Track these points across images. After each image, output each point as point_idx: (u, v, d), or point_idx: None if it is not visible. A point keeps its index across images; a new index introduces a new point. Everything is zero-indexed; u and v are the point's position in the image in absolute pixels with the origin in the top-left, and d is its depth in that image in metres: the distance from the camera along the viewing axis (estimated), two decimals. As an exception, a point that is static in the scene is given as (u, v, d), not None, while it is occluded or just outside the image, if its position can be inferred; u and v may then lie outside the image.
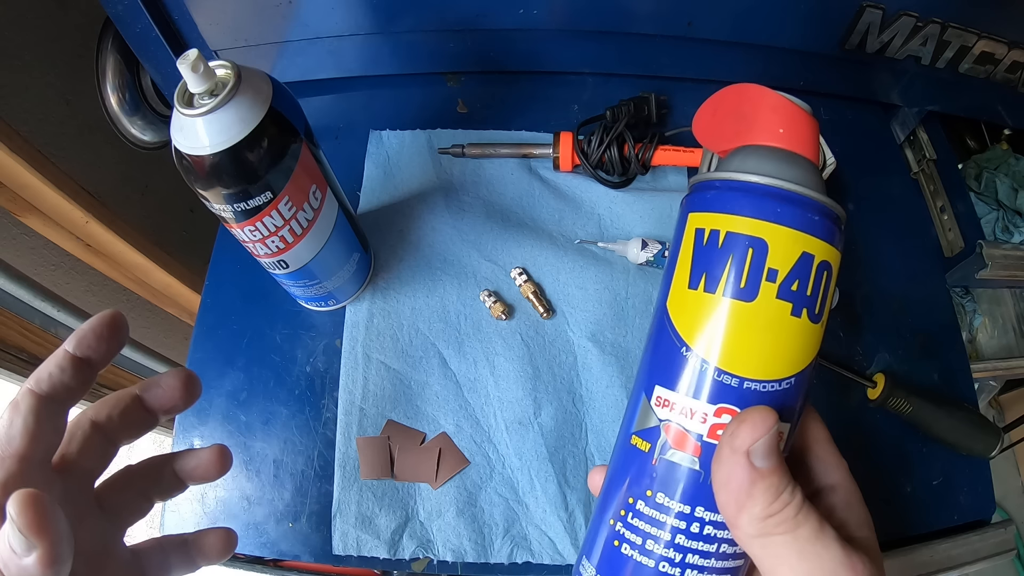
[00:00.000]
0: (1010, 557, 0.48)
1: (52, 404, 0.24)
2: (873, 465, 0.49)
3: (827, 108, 0.61)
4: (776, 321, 0.21)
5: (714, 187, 0.23)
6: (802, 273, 0.21)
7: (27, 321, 0.63)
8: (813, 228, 0.22)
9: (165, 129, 0.67)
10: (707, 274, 0.22)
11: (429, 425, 0.46)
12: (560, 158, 0.53)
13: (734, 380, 0.21)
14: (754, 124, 0.24)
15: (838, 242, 0.22)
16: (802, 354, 0.22)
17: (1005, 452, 0.55)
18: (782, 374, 0.21)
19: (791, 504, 0.19)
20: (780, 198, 0.22)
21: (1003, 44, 0.50)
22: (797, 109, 0.23)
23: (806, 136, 0.23)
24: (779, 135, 0.23)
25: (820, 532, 0.19)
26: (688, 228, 0.23)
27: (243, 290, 0.50)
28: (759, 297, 0.21)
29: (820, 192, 0.22)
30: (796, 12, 0.50)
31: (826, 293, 0.22)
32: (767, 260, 0.21)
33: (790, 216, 0.21)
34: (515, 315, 0.49)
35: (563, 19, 0.52)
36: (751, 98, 0.24)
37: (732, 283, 0.21)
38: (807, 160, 0.23)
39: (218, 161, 0.31)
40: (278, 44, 0.53)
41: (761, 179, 0.22)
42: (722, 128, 0.26)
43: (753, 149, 0.24)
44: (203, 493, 0.44)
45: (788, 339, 0.21)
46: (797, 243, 0.21)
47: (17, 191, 0.56)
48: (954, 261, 0.57)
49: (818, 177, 0.23)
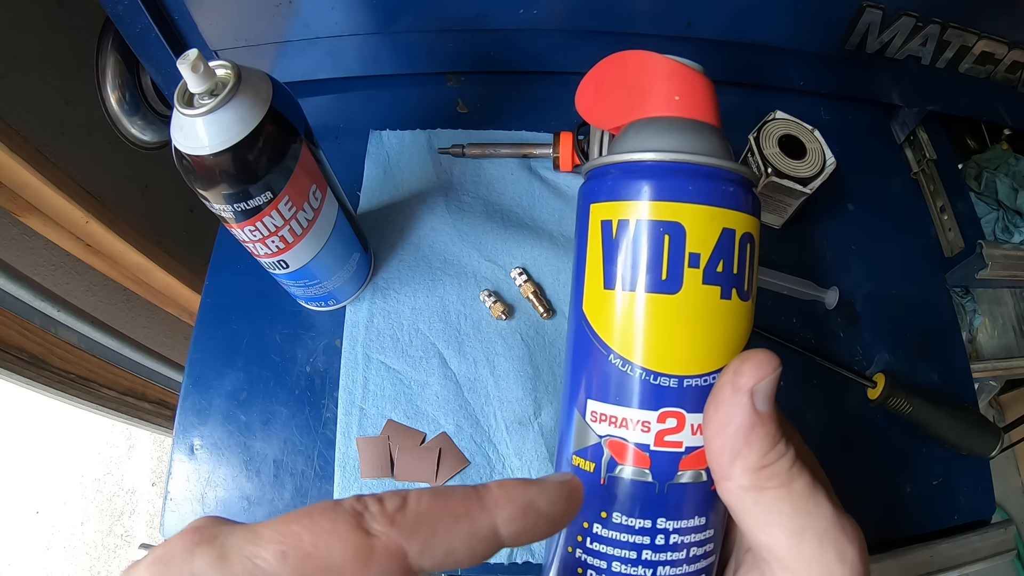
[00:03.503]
0: (1010, 557, 0.48)
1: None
2: (873, 465, 0.49)
3: (827, 108, 0.61)
4: (707, 309, 0.19)
5: (613, 172, 0.21)
6: (726, 251, 0.19)
7: (27, 321, 0.63)
8: (729, 200, 0.20)
9: (165, 129, 0.67)
10: (622, 270, 0.20)
11: (429, 425, 0.46)
12: (560, 158, 0.53)
13: (672, 380, 0.19)
14: (646, 95, 0.22)
15: (755, 209, 0.21)
16: (739, 336, 0.20)
17: (1005, 452, 0.55)
18: (721, 362, 0.20)
19: (786, 455, 0.18)
20: (689, 173, 0.20)
21: (1003, 44, 0.50)
22: (689, 72, 0.21)
23: (704, 99, 0.21)
24: (675, 103, 0.21)
25: (813, 489, 0.18)
26: (592, 221, 0.21)
27: (243, 290, 0.50)
28: (684, 287, 0.19)
29: (728, 159, 0.20)
30: (796, 12, 0.50)
31: (752, 267, 0.20)
32: (687, 245, 0.19)
33: (703, 192, 0.19)
34: (515, 315, 0.49)
35: (563, 19, 0.52)
36: (638, 66, 0.22)
37: (652, 276, 0.19)
38: (709, 126, 0.21)
39: (218, 161, 0.31)
40: (278, 44, 0.53)
41: (665, 155, 0.20)
42: (610, 103, 0.23)
43: (648, 123, 0.21)
44: (203, 493, 0.44)
45: (723, 325, 0.20)
46: (716, 220, 0.19)
47: (17, 191, 0.56)
48: (954, 261, 0.57)
49: (723, 142, 0.21)
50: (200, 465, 0.45)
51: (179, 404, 0.46)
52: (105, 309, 0.76)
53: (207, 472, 0.44)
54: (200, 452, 0.45)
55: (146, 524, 1.34)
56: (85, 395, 0.77)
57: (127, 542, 1.32)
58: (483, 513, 0.16)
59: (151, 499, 1.36)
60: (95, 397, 0.80)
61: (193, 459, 0.45)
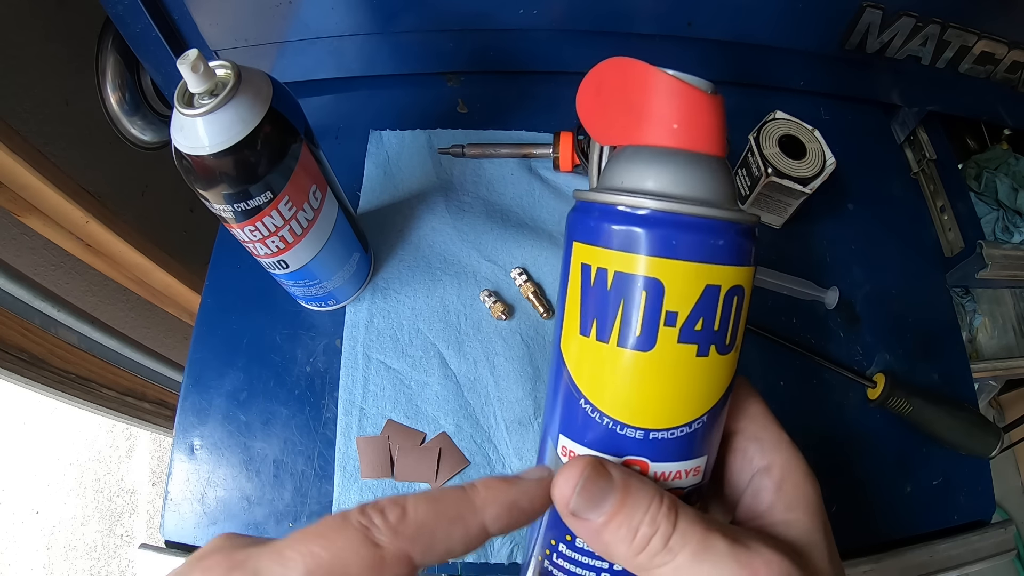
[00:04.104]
0: (1010, 557, 0.48)
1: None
2: (873, 465, 0.49)
3: (827, 108, 0.61)
4: (680, 368, 0.19)
5: (595, 212, 0.19)
6: (707, 309, 0.18)
7: (27, 321, 0.63)
8: (717, 255, 0.18)
9: (165, 129, 0.67)
10: (598, 320, 0.19)
11: (429, 425, 0.46)
12: (560, 158, 0.53)
13: (639, 432, 0.19)
14: (642, 117, 0.19)
15: (749, 256, 0.19)
16: (713, 389, 0.20)
17: (1005, 452, 0.55)
18: (692, 416, 0.19)
19: (657, 535, 0.18)
20: (675, 226, 0.18)
21: (1003, 44, 0.50)
22: (693, 92, 0.19)
23: (707, 126, 0.19)
24: (672, 132, 0.19)
25: (703, 549, 0.18)
26: (573, 261, 0.20)
27: (243, 290, 0.50)
28: (658, 345, 0.18)
29: (725, 201, 0.19)
30: (796, 12, 0.50)
31: (738, 319, 0.19)
32: (664, 303, 0.18)
33: (688, 248, 0.18)
34: (515, 315, 0.49)
35: (563, 19, 0.52)
36: (638, 80, 0.19)
37: (625, 332, 0.18)
38: (709, 159, 0.19)
39: (218, 161, 0.31)
40: (278, 44, 0.53)
41: (649, 203, 0.18)
42: (608, 115, 0.21)
43: (640, 155, 0.20)
44: (203, 493, 0.44)
45: (695, 382, 0.19)
46: (699, 278, 0.18)
47: (17, 191, 0.56)
48: (954, 261, 0.57)
49: (723, 179, 0.19)
50: (200, 465, 0.45)
51: (179, 404, 0.46)
52: (105, 309, 0.76)
53: (207, 472, 0.44)
54: (200, 452, 0.45)
55: (146, 524, 1.34)
56: (85, 395, 0.77)
57: (127, 542, 1.32)
58: (474, 515, 0.18)
59: (151, 499, 1.36)
60: (95, 397, 0.80)
61: (193, 459, 0.45)
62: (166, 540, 0.43)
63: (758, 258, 0.20)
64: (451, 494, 0.18)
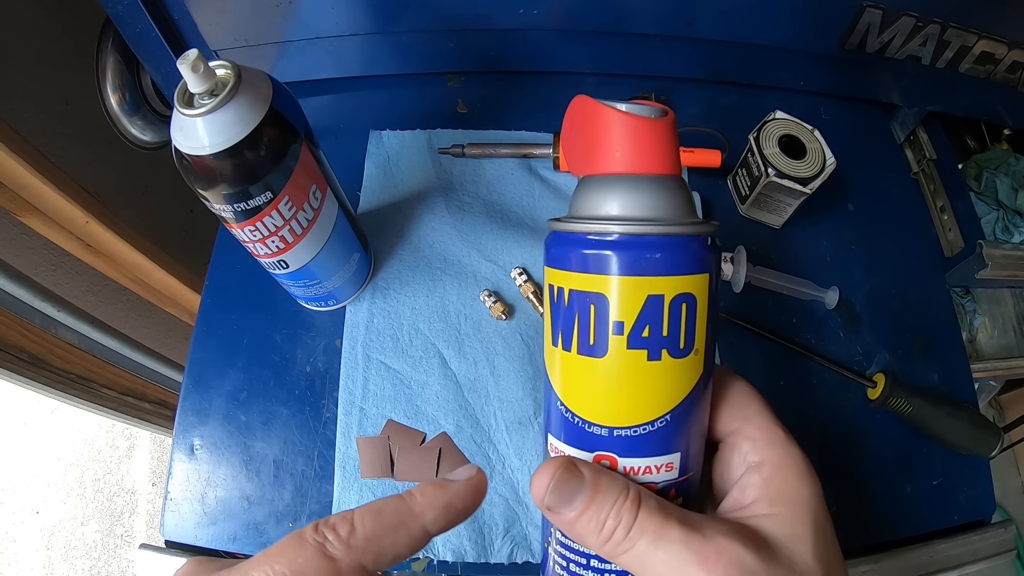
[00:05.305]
0: (1010, 557, 0.48)
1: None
2: (873, 465, 0.49)
3: (827, 108, 0.61)
4: (632, 371, 0.21)
5: (555, 239, 0.22)
6: (652, 317, 0.20)
7: (27, 321, 0.63)
8: (655, 268, 0.20)
9: (165, 129, 0.67)
10: (563, 333, 0.22)
11: (429, 425, 0.46)
12: (560, 158, 0.53)
13: (603, 430, 0.21)
14: (593, 149, 0.22)
15: (698, 265, 0.20)
16: (672, 391, 0.21)
17: (1005, 452, 0.55)
18: (652, 416, 0.21)
19: (620, 526, 0.20)
20: (612, 246, 0.20)
21: (1003, 44, 0.50)
22: (633, 119, 0.21)
23: (649, 149, 0.21)
24: (615, 160, 0.21)
25: (659, 538, 0.19)
26: (546, 283, 0.23)
27: (243, 290, 0.50)
28: (610, 352, 0.21)
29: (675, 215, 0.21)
30: (796, 12, 0.50)
31: (691, 324, 0.21)
32: (610, 315, 0.20)
33: (625, 263, 0.20)
34: (515, 315, 0.49)
35: (563, 19, 0.52)
36: (588, 115, 0.22)
37: (582, 342, 0.21)
38: (654, 179, 0.21)
39: (218, 161, 0.31)
40: (278, 44, 0.53)
41: (588, 227, 0.20)
42: (574, 150, 0.23)
43: (587, 184, 0.22)
44: (203, 493, 0.44)
45: (650, 384, 0.21)
46: (639, 290, 0.20)
47: (17, 191, 0.56)
48: (954, 261, 0.57)
49: (671, 194, 0.21)
50: (200, 465, 0.45)
51: (179, 404, 0.46)
52: (105, 309, 0.76)
53: (207, 472, 0.44)
54: (200, 452, 0.45)
55: (146, 524, 1.34)
56: (85, 395, 0.77)
57: (127, 542, 1.32)
58: (414, 520, 0.21)
59: (151, 499, 1.36)
60: (95, 397, 0.80)
61: (193, 459, 0.45)
62: (166, 540, 0.43)
63: (714, 264, 0.21)
64: (392, 504, 0.21)
